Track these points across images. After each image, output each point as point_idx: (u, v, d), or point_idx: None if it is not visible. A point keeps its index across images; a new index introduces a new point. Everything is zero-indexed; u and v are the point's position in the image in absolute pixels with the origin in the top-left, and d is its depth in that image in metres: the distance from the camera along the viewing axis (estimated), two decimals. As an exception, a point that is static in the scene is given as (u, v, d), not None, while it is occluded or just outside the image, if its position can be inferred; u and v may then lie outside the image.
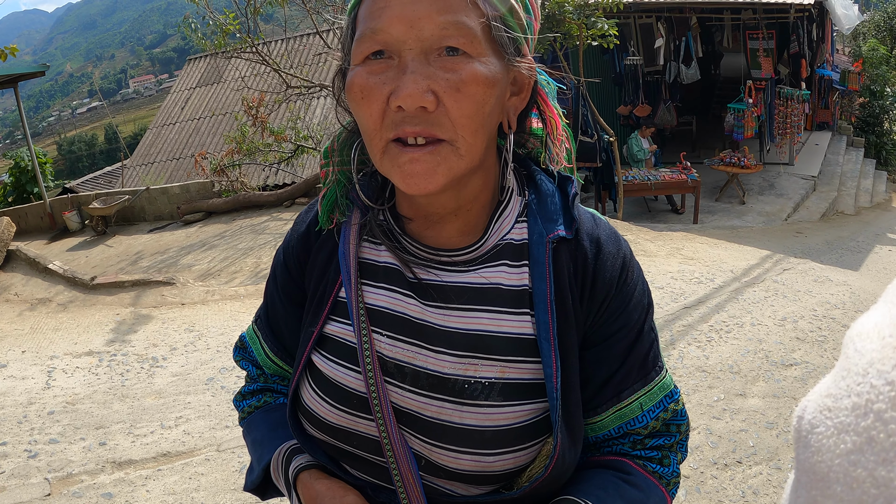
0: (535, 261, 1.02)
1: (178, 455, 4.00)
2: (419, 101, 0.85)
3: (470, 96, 0.88)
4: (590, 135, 11.17)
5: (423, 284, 1.04)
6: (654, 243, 8.74)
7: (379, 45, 0.88)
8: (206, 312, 6.64)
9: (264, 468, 1.17)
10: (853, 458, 0.33)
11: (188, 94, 20.28)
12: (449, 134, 0.89)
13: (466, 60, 0.88)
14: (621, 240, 1.10)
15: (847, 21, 14.60)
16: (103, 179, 21.75)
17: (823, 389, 0.38)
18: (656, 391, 1.07)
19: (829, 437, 0.35)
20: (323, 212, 1.12)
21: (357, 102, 0.91)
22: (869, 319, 0.38)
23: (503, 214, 1.06)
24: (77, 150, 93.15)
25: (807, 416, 0.38)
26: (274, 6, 10.59)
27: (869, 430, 0.33)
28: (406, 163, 0.89)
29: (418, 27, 0.86)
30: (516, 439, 0.99)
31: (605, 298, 1.04)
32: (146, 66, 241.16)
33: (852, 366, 0.36)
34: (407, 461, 1.01)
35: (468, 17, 0.87)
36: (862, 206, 14.19)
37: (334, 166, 1.10)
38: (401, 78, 0.87)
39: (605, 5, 9.72)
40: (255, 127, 11.98)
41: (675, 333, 5.43)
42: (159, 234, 10.80)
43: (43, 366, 5.45)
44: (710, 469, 3.66)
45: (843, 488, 0.33)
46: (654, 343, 1.09)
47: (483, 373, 1.00)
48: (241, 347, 1.31)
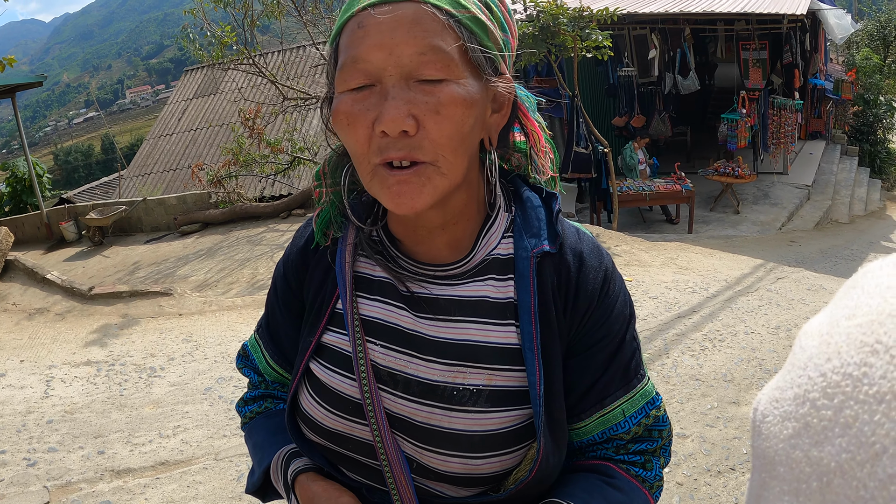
0: (520, 274, 1.07)
1: (176, 464, 4.02)
2: (401, 125, 0.89)
3: (449, 118, 0.91)
4: (584, 146, 11.20)
5: (415, 297, 1.09)
6: (648, 253, 8.77)
7: (360, 74, 0.92)
8: (203, 323, 6.67)
9: (264, 471, 1.21)
10: (793, 442, 0.37)
11: (185, 104, 20.29)
12: (430, 156, 0.92)
13: (444, 84, 0.91)
14: (604, 253, 1.14)
15: (840, 31, 14.70)
16: (100, 190, 21.72)
17: (774, 383, 0.43)
18: (638, 398, 1.11)
19: (776, 425, 0.40)
20: (318, 230, 1.16)
21: (343, 129, 0.95)
22: (815, 320, 0.43)
23: (490, 230, 1.10)
24: (74, 160, 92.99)
25: (760, 407, 0.43)
26: (271, 18, 10.64)
27: (805, 416, 0.37)
28: (394, 184, 0.93)
29: (396, 54, 0.89)
30: (502, 443, 1.04)
31: (587, 309, 1.09)
32: (143, 76, 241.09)
33: (797, 361, 0.41)
34: (399, 464, 1.05)
35: (444, 42, 0.91)
36: (856, 214, 14.23)
37: (326, 188, 1.14)
38: (383, 104, 0.90)
39: (599, 17, 9.77)
40: (252, 138, 11.99)
41: (668, 342, 5.47)
42: (156, 245, 10.81)
43: (41, 375, 5.47)
44: (704, 476, 3.69)
45: (785, 469, 0.38)
46: (636, 352, 1.13)
47: (471, 380, 1.04)
48: (244, 356, 1.36)
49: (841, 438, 0.34)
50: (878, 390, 0.33)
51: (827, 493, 0.34)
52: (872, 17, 26.49)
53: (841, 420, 0.34)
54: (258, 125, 11.97)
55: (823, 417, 0.36)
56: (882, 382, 0.33)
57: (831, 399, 0.36)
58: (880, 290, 0.38)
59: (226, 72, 15.04)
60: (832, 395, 0.36)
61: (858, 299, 0.39)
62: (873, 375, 0.34)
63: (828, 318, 0.40)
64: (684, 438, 4.02)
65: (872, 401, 0.33)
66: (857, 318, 0.37)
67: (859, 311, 0.37)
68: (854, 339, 0.36)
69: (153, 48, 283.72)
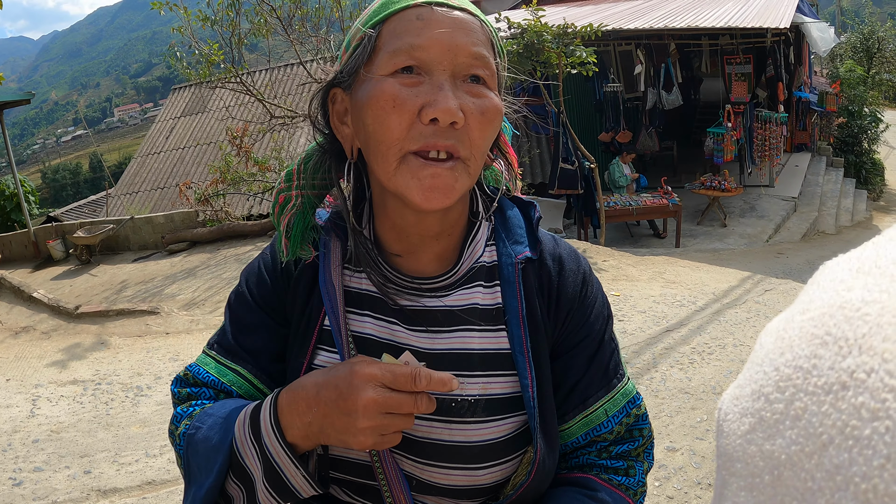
0: (506, 280, 1.09)
1: (163, 483, 3.99)
2: (454, 116, 0.91)
3: (489, 122, 0.97)
4: (570, 162, 11.23)
5: (406, 311, 1.08)
6: (636, 268, 8.79)
7: (414, 62, 0.94)
8: (190, 342, 6.63)
9: (228, 451, 1.01)
10: (749, 437, 0.38)
11: (173, 123, 20.29)
12: (466, 152, 0.95)
13: (487, 90, 0.97)
14: (580, 257, 1.18)
15: (823, 44, 14.81)
16: (88, 208, 21.69)
17: (736, 382, 0.43)
18: (619, 397, 1.13)
19: (734, 422, 0.40)
20: (293, 245, 1.12)
21: (385, 111, 0.94)
22: (775, 320, 0.43)
23: (475, 240, 1.12)
24: (61, 178, 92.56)
25: (723, 406, 0.43)
26: (258, 36, 10.66)
27: (760, 410, 0.37)
28: (427, 177, 0.94)
29: (454, 52, 0.94)
30: (502, 451, 1.05)
31: (568, 312, 1.12)
32: (131, 94, 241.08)
33: (755, 358, 0.41)
34: (399, 483, 1.04)
35: (489, 54, 0.98)
36: (843, 225, 14.31)
37: (300, 189, 1.12)
38: (437, 93, 0.92)
39: (583, 34, 9.82)
40: (240, 157, 11.98)
41: (657, 356, 5.47)
42: (144, 264, 10.77)
43: (27, 394, 5.43)
44: (694, 489, 3.68)
45: (742, 465, 0.38)
46: (614, 352, 1.16)
47: (468, 391, 1.05)
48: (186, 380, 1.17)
49: (791, 430, 0.35)
50: (826, 381, 0.34)
51: (778, 485, 0.35)
52: (855, 29, 26.75)
53: (791, 412, 0.35)
54: (246, 143, 11.98)
55: (776, 411, 0.36)
56: (830, 373, 0.34)
57: (783, 392, 0.36)
58: (833, 284, 0.38)
59: (213, 90, 15.05)
60: (784, 388, 0.36)
61: (812, 294, 0.39)
62: (822, 367, 0.34)
63: (785, 316, 0.41)
64: (674, 452, 4.02)
65: (821, 392, 0.34)
66: (810, 311, 0.38)
67: (812, 306, 0.38)
68: (806, 332, 0.37)
69: (141, 66, 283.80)
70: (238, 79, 10.74)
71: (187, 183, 13.16)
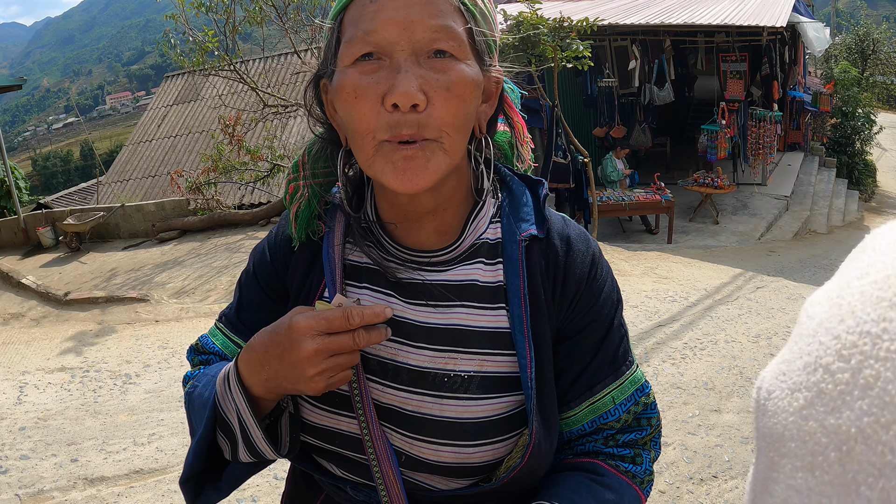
0: (509, 258, 1.07)
1: (150, 472, 3.96)
2: (413, 98, 0.89)
3: (458, 96, 0.93)
4: (562, 156, 11.20)
5: (403, 284, 1.08)
6: (628, 263, 8.80)
7: (371, 47, 0.92)
8: (179, 330, 6.60)
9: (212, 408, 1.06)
10: (805, 413, 0.35)
11: (165, 111, 20.17)
12: (435, 133, 0.93)
13: (454, 62, 0.94)
14: (590, 239, 1.15)
15: (819, 44, 14.85)
16: (78, 196, 21.56)
17: (779, 358, 0.41)
18: (627, 385, 1.11)
19: (784, 399, 0.37)
20: (300, 230, 1.14)
21: (350, 103, 0.94)
22: (821, 290, 0.41)
23: (479, 216, 1.10)
24: (52, 165, 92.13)
25: (764, 385, 0.41)
26: (252, 25, 10.61)
27: (818, 383, 0.35)
28: (399, 160, 0.93)
29: (411, 30, 0.91)
30: (494, 431, 1.03)
31: (575, 293, 1.09)
32: (123, 82, 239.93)
33: (804, 330, 0.39)
34: (388, 457, 1.04)
35: (455, 23, 0.94)
36: (834, 225, 14.36)
37: (306, 180, 1.13)
38: (395, 77, 0.90)
39: (579, 28, 9.81)
40: (232, 146, 11.93)
41: (649, 351, 5.47)
42: (134, 252, 10.72)
43: (14, 381, 5.38)
44: (686, 484, 3.68)
45: (797, 443, 0.35)
46: (623, 338, 1.13)
47: (462, 366, 1.04)
48: (197, 349, 1.26)
49: (861, 401, 0.32)
50: None
51: (847, 462, 0.32)
52: (850, 31, 26.88)
53: (860, 381, 0.32)
54: (238, 132, 11.92)
55: (840, 381, 0.34)
56: None
57: (847, 361, 0.34)
58: (893, 247, 0.36)
59: (207, 78, 14.99)
60: (848, 357, 0.34)
61: (870, 258, 0.37)
62: (893, 330, 0.32)
63: (836, 283, 0.39)
64: (666, 447, 4.01)
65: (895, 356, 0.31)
66: (871, 275, 0.36)
67: (872, 269, 0.36)
68: (869, 296, 0.34)
69: (134, 54, 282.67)
70: (231, 67, 10.69)
71: (179, 171, 13.09)
